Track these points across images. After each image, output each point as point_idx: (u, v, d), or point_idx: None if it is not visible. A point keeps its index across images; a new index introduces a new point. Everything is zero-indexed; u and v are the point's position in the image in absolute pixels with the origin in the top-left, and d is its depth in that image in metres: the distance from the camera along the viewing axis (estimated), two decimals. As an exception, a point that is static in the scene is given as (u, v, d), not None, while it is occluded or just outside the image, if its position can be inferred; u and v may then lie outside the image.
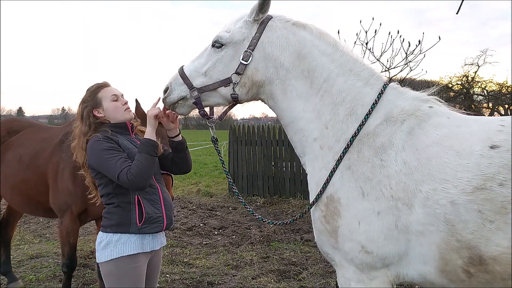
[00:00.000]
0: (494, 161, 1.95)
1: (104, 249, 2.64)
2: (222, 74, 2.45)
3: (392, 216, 2.10)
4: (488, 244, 1.91)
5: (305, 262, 5.93)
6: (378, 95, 2.34)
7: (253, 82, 2.45)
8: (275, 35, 2.43)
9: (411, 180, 2.09)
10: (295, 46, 2.42)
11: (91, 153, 2.63)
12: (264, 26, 2.43)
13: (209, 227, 7.93)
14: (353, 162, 2.24)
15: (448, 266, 2.02)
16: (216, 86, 2.45)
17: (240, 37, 2.44)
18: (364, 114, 2.31)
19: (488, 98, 25.84)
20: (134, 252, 2.62)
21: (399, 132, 2.22)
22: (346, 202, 2.21)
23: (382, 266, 2.17)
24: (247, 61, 2.40)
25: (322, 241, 2.40)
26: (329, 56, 2.42)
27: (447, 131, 2.15)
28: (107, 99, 2.75)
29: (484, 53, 22.83)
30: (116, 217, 2.65)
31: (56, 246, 6.72)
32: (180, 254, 6.25)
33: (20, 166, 4.24)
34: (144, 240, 2.68)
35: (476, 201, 1.93)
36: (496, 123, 2.11)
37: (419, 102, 2.32)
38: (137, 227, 2.63)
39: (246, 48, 2.41)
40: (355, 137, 2.28)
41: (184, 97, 2.52)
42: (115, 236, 2.63)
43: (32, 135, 4.47)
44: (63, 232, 4.02)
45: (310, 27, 2.49)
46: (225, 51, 2.45)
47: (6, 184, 4.35)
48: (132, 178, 2.50)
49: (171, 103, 2.57)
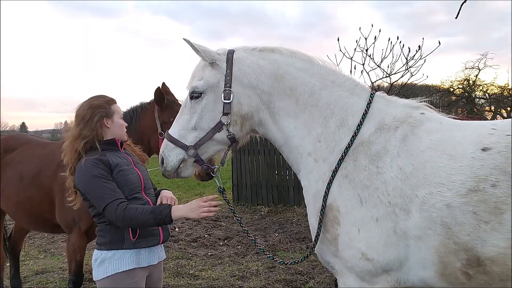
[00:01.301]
0: (486, 163, 1.99)
1: (99, 267, 2.61)
2: (212, 121, 2.44)
3: (390, 222, 2.12)
4: (485, 245, 1.94)
5: (312, 271, 5.89)
6: (367, 105, 2.38)
7: (241, 116, 2.46)
8: (246, 65, 2.46)
9: (407, 185, 2.11)
10: (269, 69, 2.46)
11: (79, 178, 2.59)
12: (231, 61, 2.45)
13: (214, 237, 7.89)
14: (350, 171, 2.27)
15: (448, 269, 2.04)
16: (211, 135, 2.44)
17: (214, 80, 2.45)
18: (356, 124, 2.35)
19: (490, 101, 25.82)
20: (130, 268, 2.59)
21: (393, 139, 2.25)
22: (344, 210, 2.24)
23: (383, 272, 2.18)
24: (229, 99, 2.40)
25: (322, 250, 2.41)
26: (307, 71, 2.47)
27: (440, 136, 2.18)
28: (118, 114, 2.77)
29: (484, 57, 22.88)
30: (109, 234, 2.63)
31: (61, 261, 6.70)
32: (185, 266, 6.21)
33: (22, 184, 4.21)
34: (140, 255, 2.65)
35: (471, 203, 1.96)
36: (488, 127, 2.16)
37: (410, 109, 2.37)
38: (131, 242, 2.60)
39: (223, 87, 2.42)
40: (350, 147, 2.31)
41: (183, 159, 2.48)
42: (110, 253, 2.60)
43: (31, 152, 4.44)
44: (71, 249, 3.99)
45: (278, 49, 2.54)
46: (206, 98, 2.45)
47: (10, 203, 4.33)
48: (120, 215, 2.44)
49: (173, 171, 2.50)
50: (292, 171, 10.31)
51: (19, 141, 4.69)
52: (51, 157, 4.16)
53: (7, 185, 4.31)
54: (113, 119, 2.74)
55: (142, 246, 2.64)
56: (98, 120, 2.68)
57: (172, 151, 2.48)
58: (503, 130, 2.09)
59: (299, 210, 9.65)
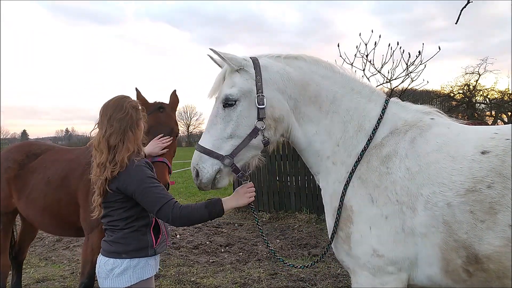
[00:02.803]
0: (484, 165, 2.11)
1: (120, 276, 2.55)
2: (248, 127, 2.43)
3: (398, 219, 2.23)
4: (481, 243, 2.05)
5: (314, 277, 5.86)
6: (382, 110, 2.51)
7: (275, 120, 2.48)
8: (274, 71, 2.51)
9: (414, 184, 2.23)
10: (296, 75, 2.55)
11: (132, 179, 2.51)
12: (259, 67, 2.47)
13: (216, 244, 7.87)
14: (363, 172, 2.39)
15: (450, 266, 2.14)
16: (247, 141, 2.42)
17: (248, 86, 2.44)
18: (371, 128, 2.48)
19: (490, 106, 25.84)
20: (152, 275, 2.65)
21: (402, 142, 2.38)
22: (357, 209, 2.35)
23: (394, 270, 2.26)
24: (263, 104, 2.41)
25: (337, 248, 2.52)
26: (330, 79, 2.58)
27: (446, 139, 2.31)
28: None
29: (484, 62, 22.92)
30: (134, 242, 2.59)
31: (62, 270, 6.68)
32: (187, 273, 6.18)
33: (49, 188, 4.27)
34: (156, 260, 2.72)
35: (468, 203, 2.08)
36: (491, 131, 2.27)
37: (421, 114, 2.50)
38: (153, 249, 2.64)
39: (255, 93, 2.42)
40: (365, 150, 2.42)
41: (219, 170, 2.45)
42: (134, 261, 2.57)
43: (57, 157, 4.51)
44: (89, 249, 3.99)
45: (301, 56, 2.63)
46: (241, 105, 2.43)
47: (36, 207, 4.37)
48: (177, 214, 2.43)
49: (210, 182, 2.46)
50: (293, 177, 10.30)
51: (41, 147, 4.76)
52: (77, 161, 4.27)
53: (33, 190, 4.36)
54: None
55: (159, 252, 2.71)
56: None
57: (206, 162, 2.43)
58: (504, 134, 2.19)
59: (300, 216, 9.62)
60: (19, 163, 4.52)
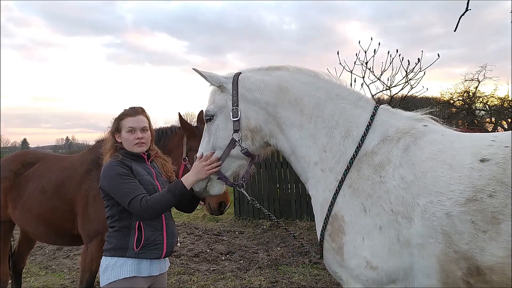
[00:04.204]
0: (484, 174, 2.03)
1: (103, 273, 2.71)
2: (226, 139, 2.61)
3: (393, 230, 2.16)
4: (483, 254, 1.96)
5: (315, 285, 5.83)
6: (371, 117, 2.46)
7: (251, 130, 2.60)
8: (250, 82, 2.62)
9: (409, 194, 2.16)
10: (274, 82, 2.60)
11: (104, 177, 2.74)
12: (237, 82, 2.62)
13: (216, 252, 7.84)
14: (354, 181, 2.32)
15: (450, 278, 2.06)
16: (227, 152, 2.60)
17: (222, 102, 2.64)
18: (360, 135, 2.43)
19: (490, 113, 25.84)
20: (130, 275, 2.66)
21: (395, 150, 2.31)
22: (349, 219, 2.28)
23: (388, 281, 2.20)
24: (237, 116, 2.57)
25: (329, 259, 2.45)
26: (313, 85, 2.58)
27: (442, 147, 2.24)
28: (125, 128, 2.88)
29: (483, 69, 22.97)
30: (115, 241, 2.72)
31: (63, 278, 6.65)
32: (187, 282, 6.16)
33: (44, 196, 4.27)
34: (141, 264, 2.72)
35: (469, 212, 2.00)
36: (488, 138, 2.21)
37: (413, 121, 2.44)
38: (134, 251, 2.68)
39: (231, 107, 2.58)
40: (355, 158, 2.37)
41: (208, 179, 2.68)
42: (113, 260, 2.70)
43: (51, 165, 4.52)
44: (87, 258, 4.01)
45: (285, 66, 2.68)
46: (218, 119, 2.65)
47: (31, 216, 4.36)
48: (144, 207, 2.58)
49: (202, 190, 2.73)
50: (293, 185, 10.29)
51: (37, 155, 4.77)
52: (72, 169, 4.29)
53: (28, 198, 4.36)
54: (121, 134, 2.90)
55: (144, 258, 2.72)
56: (111, 136, 2.94)
57: None
58: (502, 142, 2.13)
59: (301, 224, 9.59)
60: (14, 172, 4.53)
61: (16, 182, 4.49)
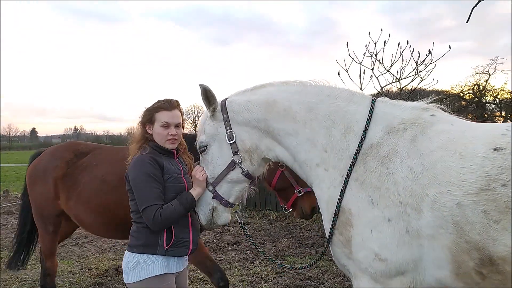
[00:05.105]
0: (497, 163, 1.99)
1: (132, 270, 2.65)
2: (224, 165, 2.63)
3: (402, 221, 2.14)
4: (496, 244, 1.94)
5: (321, 276, 5.85)
6: (370, 110, 2.43)
7: (247, 151, 2.63)
8: (237, 104, 2.65)
9: (418, 185, 2.13)
10: (260, 99, 2.62)
11: (133, 169, 2.68)
12: (225, 107, 2.66)
13: (223, 242, 7.89)
14: (360, 174, 2.31)
15: (462, 269, 2.04)
16: (225, 173, 2.62)
17: (213, 130, 2.68)
18: (361, 130, 2.40)
19: (500, 106, 25.53)
20: (162, 273, 2.65)
21: (402, 141, 2.28)
22: (357, 212, 2.27)
23: (397, 273, 2.19)
24: (233, 139, 2.60)
25: (337, 253, 2.44)
26: (301, 92, 2.59)
27: (451, 136, 2.20)
28: (159, 122, 2.78)
29: (494, 62, 22.66)
30: (144, 237, 2.67)
31: (71, 265, 6.74)
32: (194, 271, 6.20)
33: (106, 187, 4.15)
34: (170, 261, 2.71)
35: (481, 202, 1.97)
36: (502, 128, 2.16)
37: (419, 111, 2.40)
38: (163, 249, 2.65)
39: (225, 131, 2.62)
40: (359, 152, 2.35)
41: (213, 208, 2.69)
42: (142, 257, 2.64)
43: (107, 155, 4.42)
44: None
45: (269, 83, 2.71)
46: (212, 148, 2.68)
47: (88, 206, 4.22)
48: (158, 219, 2.55)
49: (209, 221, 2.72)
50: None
51: (88, 146, 4.67)
52: None
53: (85, 189, 4.23)
54: (153, 126, 2.80)
55: (172, 255, 2.71)
56: (142, 126, 2.85)
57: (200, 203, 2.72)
58: None
59: (308, 216, 9.59)
60: (67, 161, 4.41)
61: (69, 171, 4.36)
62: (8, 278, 6.09)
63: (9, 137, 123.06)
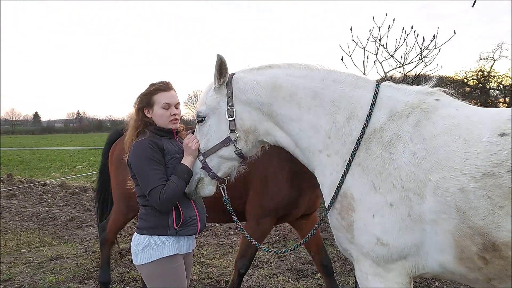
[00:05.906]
0: (503, 148, 1.97)
1: (143, 252, 2.67)
2: (218, 140, 2.60)
3: (404, 206, 2.14)
4: (499, 229, 1.94)
5: (322, 260, 5.89)
6: (374, 95, 2.41)
7: (245, 131, 2.60)
8: (243, 83, 2.60)
9: (420, 170, 2.13)
10: (267, 81, 2.58)
11: (135, 155, 2.67)
12: (231, 82, 2.61)
13: (225, 227, 7.93)
14: (363, 159, 2.30)
15: (465, 253, 2.05)
16: (218, 148, 2.59)
17: (214, 103, 2.62)
18: (365, 115, 2.38)
19: (504, 92, 25.37)
20: (173, 253, 2.68)
21: (405, 125, 2.27)
22: (359, 196, 2.27)
23: (399, 258, 2.20)
24: (233, 116, 2.56)
25: (339, 238, 2.45)
26: (306, 76, 2.56)
27: (456, 121, 2.19)
28: (159, 104, 2.75)
29: (499, 47, 22.42)
30: (153, 219, 2.69)
31: (75, 248, 6.81)
32: (197, 254, 6.27)
33: None
34: (180, 242, 2.74)
35: (485, 187, 1.96)
36: (508, 113, 2.13)
37: (423, 95, 2.37)
38: (174, 229, 2.67)
39: (226, 106, 2.57)
40: (362, 137, 2.34)
41: (199, 179, 2.67)
42: (153, 239, 2.67)
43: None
44: (259, 233, 3.97)
45: (276, 64, 2.66)
46: (210, 120, 2.64)
47: None
48: (163, 199, 2.55)
49: (193, 191, 2.69)
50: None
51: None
52: None
53: None
54: (153, 109, 2.77)
55: (183, 235, 2.73)
56: (138, 111, 2.80)
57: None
58: None
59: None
60: None
61: None
62: (12, 260, 6.16)
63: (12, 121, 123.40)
